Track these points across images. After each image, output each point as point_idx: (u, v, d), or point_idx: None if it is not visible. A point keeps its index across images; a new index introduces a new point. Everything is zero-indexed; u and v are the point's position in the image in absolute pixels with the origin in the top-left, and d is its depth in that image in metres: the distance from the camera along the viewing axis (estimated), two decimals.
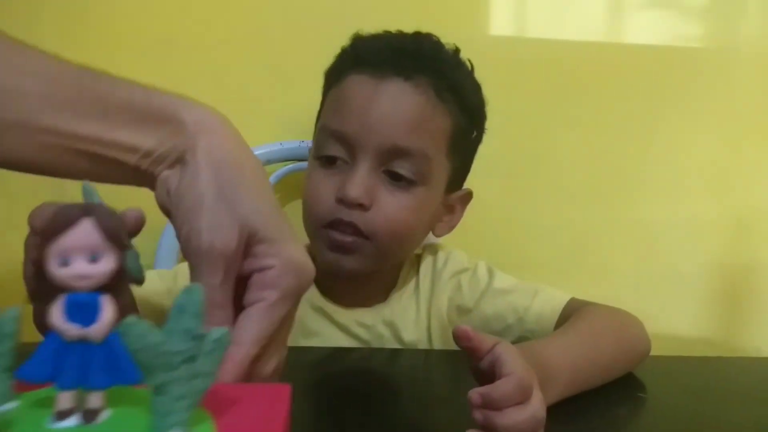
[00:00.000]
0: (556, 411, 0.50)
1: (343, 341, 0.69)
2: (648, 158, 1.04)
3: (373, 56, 0.63)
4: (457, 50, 0.69)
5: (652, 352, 0.68)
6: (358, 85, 0.63)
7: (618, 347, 0.57)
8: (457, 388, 0.56)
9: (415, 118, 0.62)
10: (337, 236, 0.63)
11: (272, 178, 0.93)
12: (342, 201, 0.61)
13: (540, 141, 1.02)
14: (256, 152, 0.89)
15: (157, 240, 0.87)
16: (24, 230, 0.49)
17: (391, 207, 0.62)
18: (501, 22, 1.00)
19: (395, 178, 0.63)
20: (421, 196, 0.64)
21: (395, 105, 0.62)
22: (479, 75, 0.68)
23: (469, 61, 0.69)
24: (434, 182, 0.65)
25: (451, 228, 0.72)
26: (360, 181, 0.61)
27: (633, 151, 1.03)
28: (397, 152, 0.62)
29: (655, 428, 0.50)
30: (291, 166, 0.90)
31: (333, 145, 0.63)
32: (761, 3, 1.03)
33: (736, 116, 1.04)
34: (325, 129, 0.65)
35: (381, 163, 0.62)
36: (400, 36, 0.66)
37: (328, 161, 0.64)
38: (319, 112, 0.71)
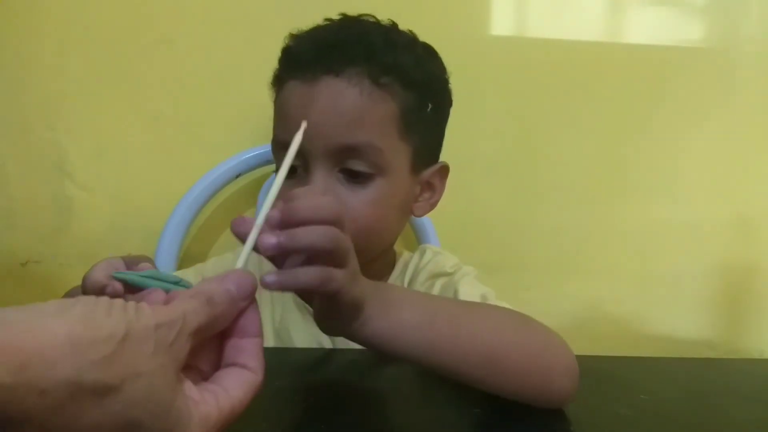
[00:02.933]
0: (556, 411, 0.50)
1: (323, 337, 0.68)
2: (648, 159, 1.04)
3: (302, 58, 0.62)
4: (393, 25, 0.67)
5: (654, 354, 0.68)
6: (293, 91, 0.62)
7: (510, 350, 0.48)
8: (443, 388, 0.56)
9: (354, 112, 0.60)
10: None
11: (271, 179, 0.93)
12: None
13: (540, 141, 1.02)
14: (257, 152, 0.90)
15: (157, 240, 0.87)
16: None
17: (354, 206, 0.61)
18: (501, 22, 1.00)
19: (352, 176, 0.61)
20: (382, 186, 0.63)
21: (331, 104, 0.60)
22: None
23: (410, 31, 0.67)
24: (394, 169, 0.63)
25: (432, 206, 0.70)
26: (316, 188, 0.60)
27: (633, 152, 1.03)
28: (345, 150, 0.61)
29: (656, 430, 0.50)
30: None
31: (283, 154, 0.63)
32: (761, 3, 1.04)
33: (737, 116, 1.04)
34: (274, 141, 0.65)
35: (334, 164, 0.61)
36: (327, 29, 0.65)
37: (288, 172, 0.63)
38: None
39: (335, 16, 0.66)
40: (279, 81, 0.65)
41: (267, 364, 0.36)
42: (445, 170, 0.70)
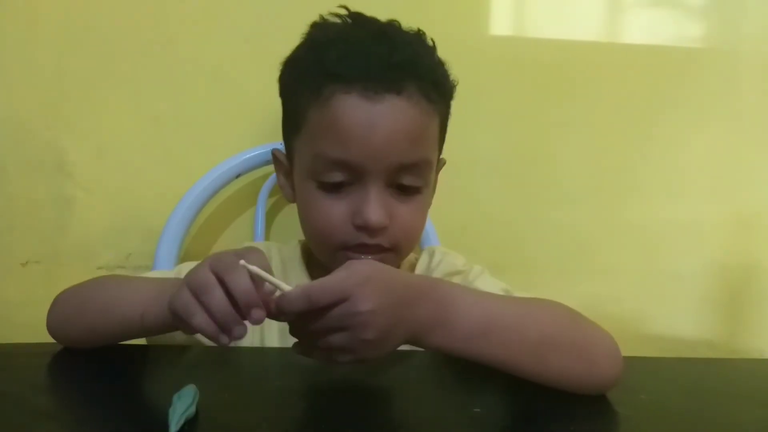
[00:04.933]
0: (556, 411, 0.50)
1: None
2: (649, 158, 1.04)
3: (359, 72, 0.60)
4: (420, 33, 0.66)
5: (654, 354, 0.68)
6: (352, 108, 0.60)
7: (561, 340, 0.52)
8: (443, 387, 0.56)
9: (416, 132, 0.62)
10: (362, 257, 0.64)
11: (271, 179, 0.93)
12: (363, 228, 0.61)
13: (540, 141, 1.02)
14: (257, 152, 0.90)
15: (157, 240, 0.87)
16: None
17: (407, 218, 0.63)
18: (500, 22, 1.01)
19: (404, 190, 0.63)
20: (426, 196, 0.66)
21: (396, 125, 0.60)
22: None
23: (419, 30, 0.67)
24: (433, 177, 0.68)
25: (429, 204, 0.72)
26: (377, 206, 0.60)
27: (633, 152, 1.03)
28: (403, 168, 0.62)
29: (656, 430, 0.50)
30: None
31: (335, 172, 0.62)
32: (761, 3, 1.04)
33: (736, 116, 1.04)
34: (324, 157, 0.62)
35: (390, 180, 0.62)
36: (370, 41, 0.62)
37: (332, 186, 0.62)
38: (284, 120, 0.68)
39: (328, 14, 0.66)
40: (320, 92, 0.61)
41: (270, 364, 0.37)
42: (442, 164, 0.72)
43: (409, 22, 0.66)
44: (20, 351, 0.63)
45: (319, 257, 0.68)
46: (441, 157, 0.70)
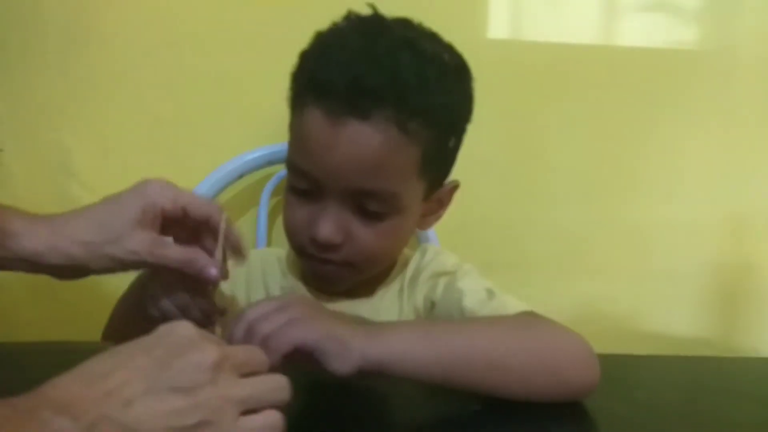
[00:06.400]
0: (553, 409, 0.50)
1: None
2: (645, 159, 1.04)
3: (328, 88, 0.58)
4: (435, 53, 0.61)
5: (650, 352, 0.68)
6: (315, 124, 0.59)
7: (510, 353, 0.50)
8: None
9: (377, 160, 0.58)
10: (316, 266, 0.64)
11: (273, 180, 0.94)
12: (313, 241, 0.61)
13: (537, 143, 1.02)
14: (257, 153, 0.90)
15: None
16: None
17: (365, 239, 0.62)
18: (498, 25, 1.01)
19: (367, 213, 0.61)
20: (394, 222, 0.63)
21: (354, 150, 0.58)
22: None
23: (441, 42, 0.63)
24: (408, 206, 0.63)
25: (438, 218, 0.71)
26: (329, 222, 0.60)
27: (630, 153, 1.04)
28: (363, 193, 0.60)
29: (652, 428, 0.50)
30: None
31: (300, 179, 0.62)
32: (757, 5, 1.04)
33: (732, 118, 1.04)
34: (290, 162, 0.63)
35: (350, 202, 0.61)
36: (354, 51, 0.58)
37: (300, 191, 0.63)
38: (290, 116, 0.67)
39: (334, 16, 0.64)
40: (299, 99, 0.62)
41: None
42: (455, 188, 0.70)
43: None
44: (24, 350, 0.63)
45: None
46: (455, 181, 0.69)
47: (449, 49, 0.64)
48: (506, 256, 1.01)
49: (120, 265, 0.54)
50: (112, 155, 0.96)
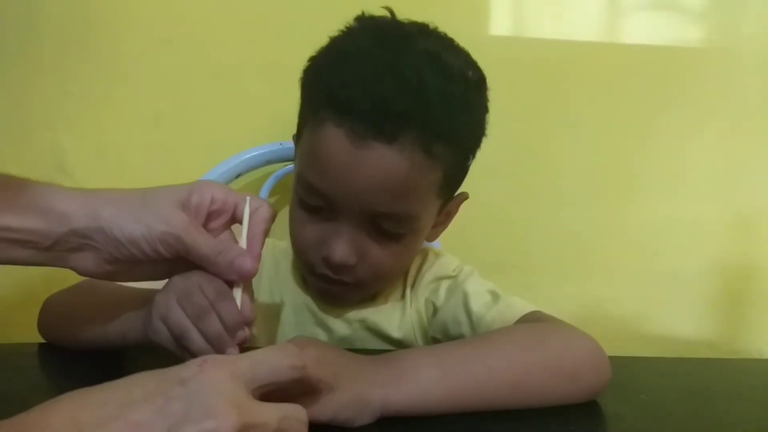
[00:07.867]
0: (556, 410, 0.50)
1: (323, 338, 0.68)
2: (648, 159, 1.04)
3: (350, 108, 0.55)
4: (459, 68, 0.59)
5: (654, 354, 0.68)
6: (336, 145, 0.55)
7: (531, 370, 0.50)
8: None
9: (401, 184, 0.56)
10: (324, 285, 0.63)
11: (272, 179, 0.93)
12: (327, 261, 0.59)
13: (540, 141, 1.02)
14: (257, 152, 0.89)
15: None
16: None
17: (380, 259, 0.60)
18: (500, 22, 1.00)
19: (382, 233, 0.59)
20: (411, 240, 0.62)
21: (379, 174, 0.55)
22: None
23: (459, 52, 0.62)
24: (424, 224, 0.63)
25: (444, 229, 0.70)
26: (344, 243, 0.58)
27: (633, 152, 1.03)
28: (382, 215, 0.58)
29: (656, 430, 0.50)
30: (291, 166, 0.90)
31: (313, 196, 0.59)
32: (760, 3, 1.04)
33: (737, 116, 1.04)
34: (303, 178, 0.59)
35: (366, 223, 0.59)
36: (378, 73, 0.55)
37: (311, 208, 0.60)
38: (298, 113, 0.65)
39: (334, 16, 0.62)
40: (315, 114, 0.58)
41: None
42: (464, 199, 0.68)
43: None
44: (20, 351, 0.63)
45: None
46: (464, 192, 0.67)
47: (469, 59, 0.63)
48: (509, 256, 1.01)
49: (148, 243, 0.46)
50: (108, 155, 0.95)
